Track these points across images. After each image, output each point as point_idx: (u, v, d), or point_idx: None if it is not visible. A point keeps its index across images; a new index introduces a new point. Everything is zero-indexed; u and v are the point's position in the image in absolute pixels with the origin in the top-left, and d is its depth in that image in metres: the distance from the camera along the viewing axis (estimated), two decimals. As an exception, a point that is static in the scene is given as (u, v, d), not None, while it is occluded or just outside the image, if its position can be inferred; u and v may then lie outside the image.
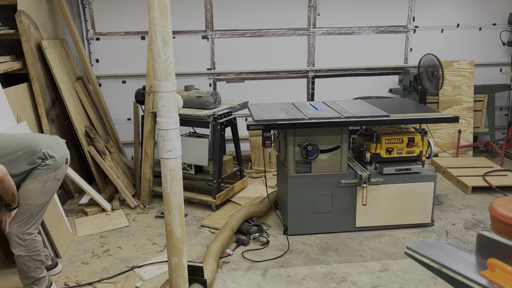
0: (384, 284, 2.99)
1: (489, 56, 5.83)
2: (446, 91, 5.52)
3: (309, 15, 5.45)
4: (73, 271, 3.21)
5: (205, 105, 4.18)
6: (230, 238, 3.47)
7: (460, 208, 4.20)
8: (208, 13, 5.32)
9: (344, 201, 3.67)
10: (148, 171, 4.38)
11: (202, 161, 4.12)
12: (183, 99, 4.19)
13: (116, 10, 5.19)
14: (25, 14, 3.99)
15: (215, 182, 4.14)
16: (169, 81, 2.16)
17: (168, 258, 2.42)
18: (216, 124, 4.06)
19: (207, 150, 4.07)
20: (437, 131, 5.54)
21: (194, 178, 4.38)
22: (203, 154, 4.10)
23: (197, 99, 4.21)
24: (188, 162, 4.22)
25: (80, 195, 4.52)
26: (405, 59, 5.72)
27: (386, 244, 3.54)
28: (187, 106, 4.28)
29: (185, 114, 4.06)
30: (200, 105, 4.21)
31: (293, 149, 3.55)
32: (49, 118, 4.22)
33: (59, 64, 4.43)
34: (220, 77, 5.53)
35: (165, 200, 2.33)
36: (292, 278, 3.08)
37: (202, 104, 4.19)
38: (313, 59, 5.59)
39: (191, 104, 4.25)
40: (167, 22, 2.09)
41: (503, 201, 2.86)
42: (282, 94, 5.56)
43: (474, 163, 5.18)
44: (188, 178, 4.36)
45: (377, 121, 3.54)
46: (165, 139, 2.23)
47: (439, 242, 1.59)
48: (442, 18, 5.65)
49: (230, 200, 4.37)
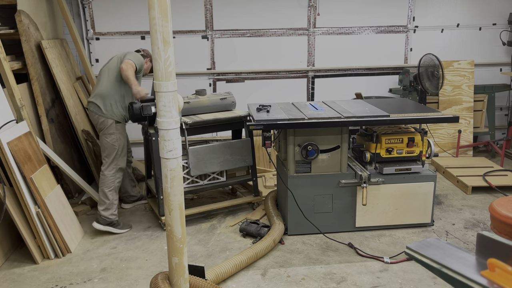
0: (384, 284, 2.99)
1: (489, 56, 5.83)
2: (446, 91, 5.52)
3: (309, 15, 5.45)
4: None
5: (229, 106, 4.11)
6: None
7: (460, 208, 4.20)
8: (208, 13, 5.32)
9: (344, 201, 3.67)
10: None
11: (247, 161, 4.03)
12: (203, 103, 4.00)
13: (116, 10, 5.19)
14: (25, 14, 3.99)
15: (255, 180, 4.16)
16: (169, 81, 2.16)
17: (169, 258, 2.41)
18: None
19: (251, 149, 4.02)
20: (437, 131, 5.54)
21: (228, 183, 4.09)
22: (248, 154, 4.01)
23: (221, 101, 4.07)
24: (233, 167, 3.98)
25: (80, 195, 4.52)
26: (405, 59, 5.72)
27: (386, 244, 3.54)
28: (209, 111, 4.02)
29: (221, 118, 3.88)
30: (223, 107, 4.09)
31: (293, 149, 3.55)
32: (49, 118, 4.21)
33: (59, 64, 4.43)
34: (220, 77, 5.53)
35: (166, 200, 2.33)
36: (292, 278, 3.08)
37: (227, 105, 4.10)
38: (313, 59, 5.59)
39: (214, 108, 4.04)
40: (167, 22, 2.09)
41: (503, 201, 2.86)
42: (282, 94, 5.56)
43: (474, 163, 5.18)
44: (221, 185, 4.09)
45: (377, 121, 3.54)
46: (166, 139, 2.24)
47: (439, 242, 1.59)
48: (442, 18, 5.65)
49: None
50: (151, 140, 3.69)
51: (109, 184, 3.76)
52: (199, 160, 3.77)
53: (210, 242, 3.63)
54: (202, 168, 3.80)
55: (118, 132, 3.80)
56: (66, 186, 4.38)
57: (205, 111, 4.00)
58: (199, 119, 3.80)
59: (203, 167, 3.80)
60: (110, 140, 3.77)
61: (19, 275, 3.18)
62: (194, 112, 3.95)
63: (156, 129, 3.63)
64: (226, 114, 4.00)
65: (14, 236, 3.49)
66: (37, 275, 3.17)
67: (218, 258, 3.36)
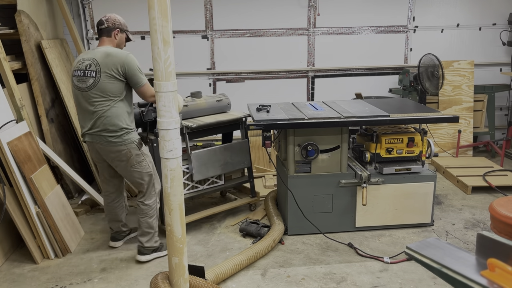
0: (384, 284, 2.99)
1: (489, 56, 5.83)
2: (446, 91, 5.52)
3: (309, 15, 5.45)
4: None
5: (225, 108, 4.05)
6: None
7: (460, 208, 4.20)
8: (208, 13, 5.32)
9: (344, 201, 3.67)
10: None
11: (246, 162, 4.00)
12: (200, 106, 3.88)
13: (116, 10, 5.18)
14: (25, 14, 3.99)
15: (252, 181, 4.13)
16: (169, 81, 2.16)
17: (169, 258, 2.41)
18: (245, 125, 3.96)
19: (248, 150, 3.98)
20: (437, 131, 5.54)
21: (227, 186, 4.02)
22: (246, 155, 3.98)
23: (218, 103, 4.00)
24: (233, 170, 3.95)
25: (80, 195, 4.52)
26: (405, 59, 5.72)
27: (386, 244, 3.54)
28: (206, 114, 3.94)
29: (220, 120, 3.80)
30: (220, 109, 4.03)
31: (293, 149, 3.55)
32: (49, 118, 4.22)
33: (59, 64, 4.43)
34: (220, 77, 5.53)
35: (166, 200, 2.33)
36: (292, 278, 3.08)
37: (223, 107, 4.04)
38: (313, 59, 5.59)
39: (212, 110, 3.97)
40: (167, 22, 2.09)
41: (503, 201, 2.86)
42: (282, 94, 5.56)
43: (474, 163, 5.18)
44: (220, 189, 4.01)
45: (377, 121, 3.54)
46: (166, 139, 2.24)
47: (439, 242, 1.59)
48: (442, 18, 5.65)
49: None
50: (153, 147, 3.44)
51: (152, 212, 3.28)
52: (202, 165, 3.70)
53: (210, 242, 3.63)
54: (205, 173, 3.74)
55: (145, 154, 3.20)
56: (66, 186, 4.38)
57: (203, 114, 3.91)
58: (202, 122, 3.68)
59: (205, 172, 3.74)
60: (143, 169, 3.18)
61: (19, 275, 3.18)
62: (192, 115, 3.82)
63: (157, 134, 3.42)
64: (226, 116, 3.93)
65: (14, 236, 3.48)
66: (37, 275, 3.17)
67: (218, 258, 3.36)
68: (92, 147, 3.18)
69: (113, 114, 3.00)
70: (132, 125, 3.13)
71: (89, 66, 2.99)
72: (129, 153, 3.08)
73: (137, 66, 3.01)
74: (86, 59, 3.03)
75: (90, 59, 3.01)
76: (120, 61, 2.97)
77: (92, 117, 3.02)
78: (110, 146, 3.04)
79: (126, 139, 3.05)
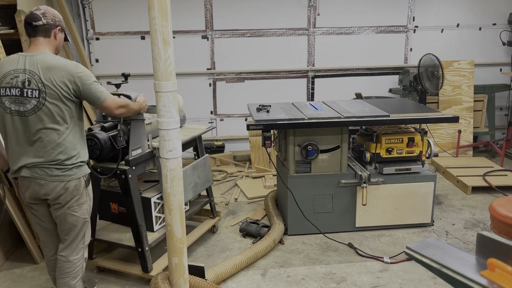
0: (384, 284, 2.99)
1: (489, 56, 5.83)
2: (446, 91, 5.52)
3: (309, 15, 5.45)
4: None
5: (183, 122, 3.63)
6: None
7: (460, 208, 4.20)
8: (208, 13, 5.32)
9: (344, 201, 3.67)
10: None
11: (210, 180, 3.59)
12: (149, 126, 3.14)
13: (116, 10, 5.19)
14: (25, 14, 3.98)
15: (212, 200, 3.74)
16: (169, 81, 2.16)
17: (169, 258, 2.42)
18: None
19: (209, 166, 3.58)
20: (437, 131, 5.54)
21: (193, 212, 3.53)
22: (209, 172, 3.56)
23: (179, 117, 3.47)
24: (201, 190, 3.51)
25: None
26: (405, 59, 5.72)
27: (386, 244, 3.54)
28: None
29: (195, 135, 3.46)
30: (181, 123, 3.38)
31: (293, 149, 3.55)
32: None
33: (59, 64, 4.42)
34: (220, 77, 5.53)
35: (165, 200, 2.33)
36: (292, 278, 3.08)
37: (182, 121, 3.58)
38: (313, 59, 5.59)
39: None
40: (167, 22, 2.09)
41: (503, 201, 2.86)
42: (282, 94, 5.56)
43: (474, 163, 5.18)
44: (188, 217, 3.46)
45: (377, 121, 3.54)
46: (166, 139, 2.24)
47: (439, 242, 1.59)
48: (442, 18, 5.65)
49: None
50: (128, 179, 2.77)
51: (76, 272, 2.57)
52: None
53: (210, 242, 3.63)
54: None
55: (88, 195, 2.54)
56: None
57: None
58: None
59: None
60: (81, 214, 2.49)
61: (19, 275, 3.18)
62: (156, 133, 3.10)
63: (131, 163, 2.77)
64: (194, 131, 3.51)
65: (14, 236, 3.48)
66: (37, 275, 3.17)
67: (218, 258, 3.36)
68: (28, 184, 2.39)
69: (65, 142, 2.34)
70: (87, 156, 2.49)
71: (27, 83, 2.25)
72: (75, 192, 2.42)
73: (91, 77, 2.37)
74: (19, 71, 2.28)
75: (27, 72, 2.27)
76: (69, 75, 2.29)
77: (34, 148, 2.32)
78: (55, 181, 2.35)
79: (76, 173, 2.40)
